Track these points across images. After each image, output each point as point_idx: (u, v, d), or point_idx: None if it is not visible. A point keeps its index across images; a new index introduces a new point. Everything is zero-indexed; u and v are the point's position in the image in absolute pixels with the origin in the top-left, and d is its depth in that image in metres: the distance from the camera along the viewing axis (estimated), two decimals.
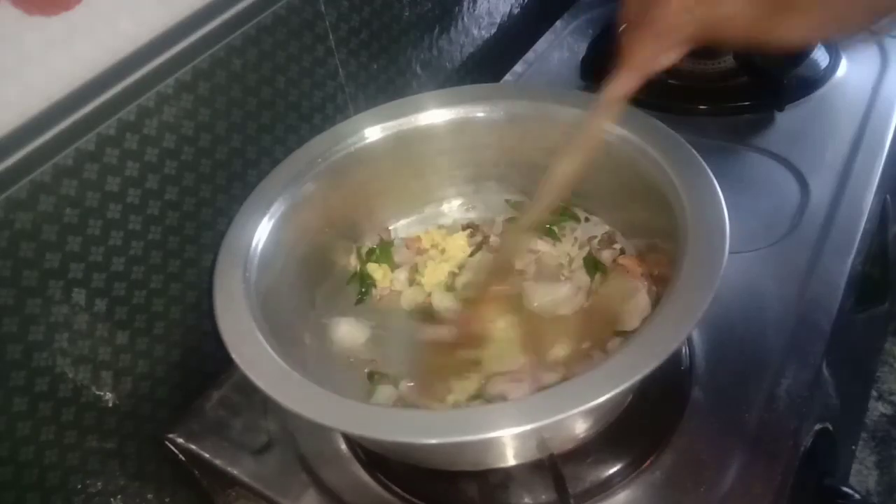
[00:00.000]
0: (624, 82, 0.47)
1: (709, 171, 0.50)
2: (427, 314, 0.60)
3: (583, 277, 0.59)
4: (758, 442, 0.49)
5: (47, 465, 0.51)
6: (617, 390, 0.39)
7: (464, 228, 0.66)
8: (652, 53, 0.45)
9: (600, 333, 0.54)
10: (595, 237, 0.61)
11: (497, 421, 0.39)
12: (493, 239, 0.64)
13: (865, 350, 1.02)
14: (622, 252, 0.60)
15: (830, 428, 0.62)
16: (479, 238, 0.65)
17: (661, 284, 0.53)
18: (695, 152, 0.52)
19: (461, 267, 0.63)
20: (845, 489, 0.57)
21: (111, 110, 0.49)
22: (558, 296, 0.58)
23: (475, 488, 0.50)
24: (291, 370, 0.44)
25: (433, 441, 0.39)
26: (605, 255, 0.60)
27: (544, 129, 0.61)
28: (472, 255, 0.63)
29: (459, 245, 0.64)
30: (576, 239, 0.62)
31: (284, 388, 0.43)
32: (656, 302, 0.53)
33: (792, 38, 0.41)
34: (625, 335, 0.53)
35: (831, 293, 0.58)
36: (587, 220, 0.63)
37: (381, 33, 0.72)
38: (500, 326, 0.56)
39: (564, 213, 0.63)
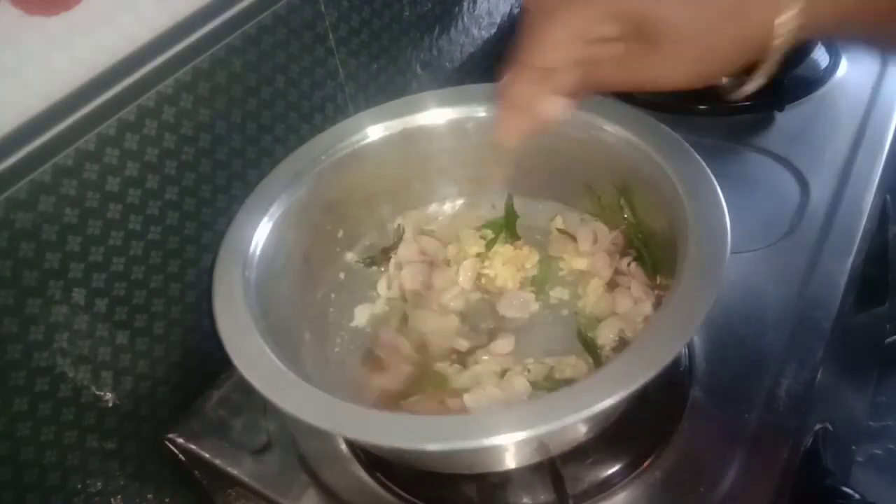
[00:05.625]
0: (513, 124, 0.44)
1: (709, 171, 0.50)
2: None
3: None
4: (758, 442, 0.49)
5: (47, 465, 0.51)
6: (619, 396, 0.39)
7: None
8: (531, 91, 0.41)
9: None
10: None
11: (496, 427, 0.38)
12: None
13: (865, 350, 1.02)
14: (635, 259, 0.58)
15: (830, 428, 0.62)
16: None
17: (661, 288, 0.53)
18: (695, 153, 0.52)
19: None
20: (845, 489, 0.57)
21: (111, 110, 0.49)
22: None
23: (474, 489, 0.50)
24: (290, 372, 0.44)
25: (432, 447, 0.39)
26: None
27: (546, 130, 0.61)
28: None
29: None
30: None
31: (282, 390, 0.43)
32: (658, 306, 0.53)
33: (661, 82, 0.40)
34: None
35: (831, 293, 0.58)
36: (582, 220, 0.63)
37: (381, 33, 0.72)
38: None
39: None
